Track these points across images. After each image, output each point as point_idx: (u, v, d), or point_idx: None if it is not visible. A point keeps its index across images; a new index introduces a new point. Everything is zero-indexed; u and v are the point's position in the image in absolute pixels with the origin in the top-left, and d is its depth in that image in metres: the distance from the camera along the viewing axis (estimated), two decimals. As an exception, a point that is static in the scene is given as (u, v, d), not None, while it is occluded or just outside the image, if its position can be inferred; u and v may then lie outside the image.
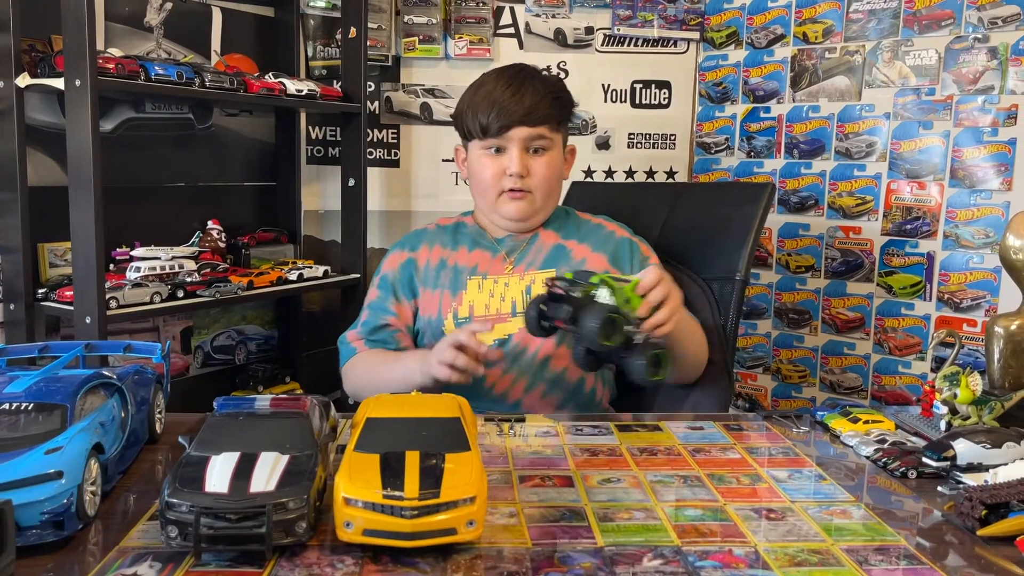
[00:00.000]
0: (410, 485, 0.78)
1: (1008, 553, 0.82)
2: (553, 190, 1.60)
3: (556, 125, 1.56)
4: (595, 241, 1.60)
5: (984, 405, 1.13)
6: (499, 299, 1.55)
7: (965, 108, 2.12)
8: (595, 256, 1.58)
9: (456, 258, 1.59)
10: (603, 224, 1.65)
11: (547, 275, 1.52)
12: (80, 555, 0.79)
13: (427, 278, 1.58)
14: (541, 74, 1.60)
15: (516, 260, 1.58)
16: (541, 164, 1.54)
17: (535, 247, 1.59)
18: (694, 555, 0.80)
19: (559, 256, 1.58)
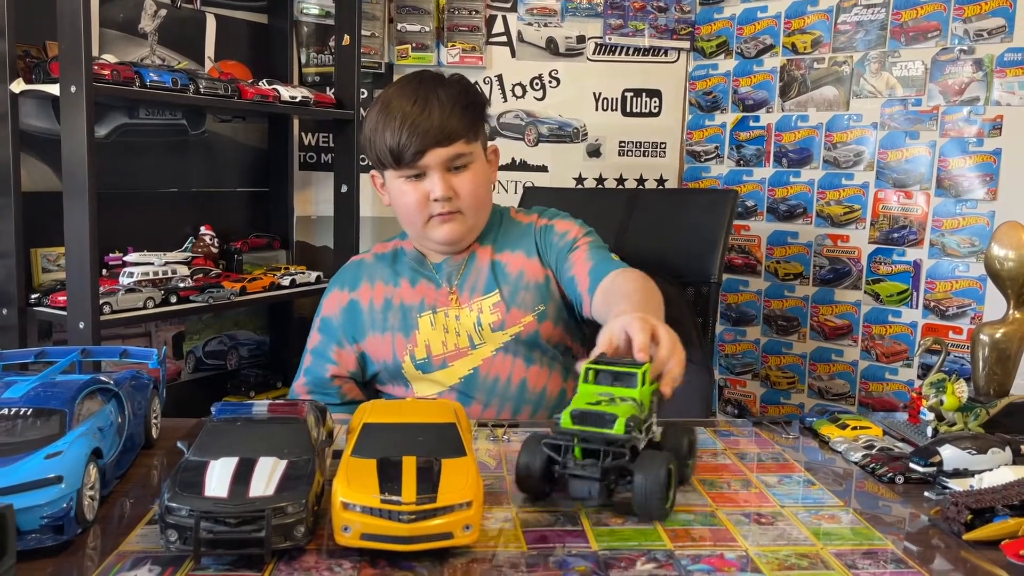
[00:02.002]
0: (407, 489, 0.79)
1: (993, 557, 0.84)
2: (482, 203, 1.50)
3: (472, 135, 1.45)
4: (523, 245, 1.53)
5: (970, 412, 1.15)
6: (454, 334, 1.47)
7: (951, 119, 2.15)
8: (530, 263, 1.52)
9: (401, 295, 1.51)
10: (525, 221, 1.57)
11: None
12: (79, 559, 0.80)
13: (374, 321, 1.50)
14: (445, 81, 1.48)
15: (459, 288, 1.50)
16: (465, 181, 1.45)
17: (474, 269, 1.51)
18: (686, 559, 0.82)
19: (498, 275, 1.50)
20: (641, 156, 2.65)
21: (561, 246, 1.50)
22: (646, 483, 0.89)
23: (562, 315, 1.51)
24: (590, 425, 0.90)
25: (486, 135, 1.54)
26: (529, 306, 1.48)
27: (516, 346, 1.47)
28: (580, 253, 1.47)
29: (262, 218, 2.47)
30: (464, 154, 1.45)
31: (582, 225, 1.55)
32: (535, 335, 1.48)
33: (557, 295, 1.51)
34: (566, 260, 1.48)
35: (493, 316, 1.47)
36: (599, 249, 1.48)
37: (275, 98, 2.07)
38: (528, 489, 0.94)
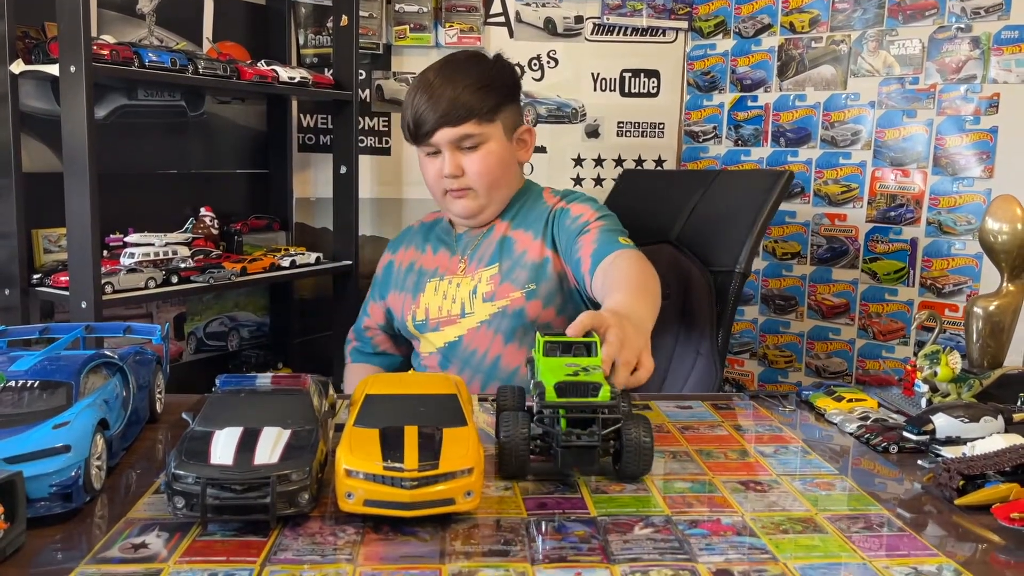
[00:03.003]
0: (410, 457, 0.81)
1: (984, 521, 0.85)
2: (497, 182, 1.56)
3: (486, 116, 1.51)
4: (537, 227, 1.57)
5: (963, 383, 1.17)
6: (450, 300, 1.56)
7: (948, 97, 2.16)
8: (535, 244, 1.56)
9: (423, 261, 1.65)
10: (549, 203, 1.60)
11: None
12: (88, 526, 0.81)
13: (396, 281, 1.67)
14: (471, 63, 1.55)
15: (470, 258, 1.59)
16: (475, 160, 1.52)
17: (487, 242, 1.59)
18: (684, 524, 0.83)
19: (504, 249, 1.57)
20: (639, 136, 2.65)
21: (573, 229, 1.51)
22: (639, 438, 0.92)
23: (555, 298, 1.52)
24: (576, 396, 0.92)
25: (515, 116, 1.58)
26: (521, 283, 1.52)
27: (500, 320, 1.52)
28: (589, 236, 1.49)
29: (262, 199, 2.47)
30: (473, 135, 1.51)
31: (598, 208, 1.55)
32: (521, 312, 1.51)
33: (554, 277, 1.53)
34: (576, 243, 1.50)
35: (487, 287, 1.54)
36: (608, 232, 1.49)
37: (274, 79, 2.07)
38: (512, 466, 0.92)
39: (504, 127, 1.56)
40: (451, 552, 0.76)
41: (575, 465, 0.93)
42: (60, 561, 0.74)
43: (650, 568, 0.74)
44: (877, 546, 0.80)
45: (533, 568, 0.73)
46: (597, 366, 0.97)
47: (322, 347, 2.52)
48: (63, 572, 0.72)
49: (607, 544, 0.78)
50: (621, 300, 1.21)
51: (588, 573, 0.73)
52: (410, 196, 2.59)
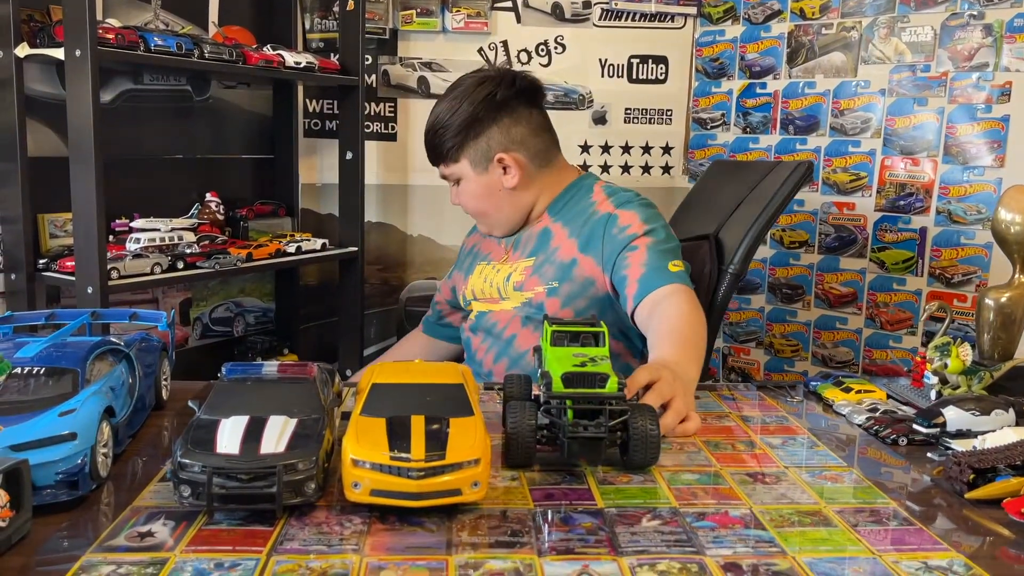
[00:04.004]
0: (416, 447, 0.80)
1: (995, 515, 0.85)
2: (483, 212, 1.63)
3: (450, 157, 1.59)
4: (575, 224, 1.55)
5: (973, 375, 1.16)
6: (489, 284, 1.61)
7: (959, 85, 2.14)
8: (568, 243, 1.54)
9: (482, 245, 1.71)
10: (596, 202, 1.57)
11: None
12: (94, 514, 0.81)
13: (462, 261, 1.76)
14: (442, 102, 1.61)
15: (514, 246, 1.63)
16: (460, 195, 1.63)
17: (531, 232, 1.62)
18: (691, 516, 0.83)
19: (543, 240, 1.57)
20: (647, 123, 2.64)
21: (620, 239, 1.48)
22: (646, 429, 0.91)
23: (575, 300, 1.51)
24: (583, 387, 0.91)
25: (484, 147, 1.57)
26: (547, 278, 1.53)
27: (525, 309, 1.55)
28: (638, 255, 1.44)
29: (267, 185, 2.46)
30: (448, 175, 1.62)
31: (647, 219, 1.50)
32: (541, 307, 1.52)
33: (578, 280, 1.51)
34: (622, 258, 1.46)
35: (520, 277, 1.56)
36: (659, 254, 1.44)
37: (280, 63, 2.06)
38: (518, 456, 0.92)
39: (472, 162, 1.58)
40: (458, 543, 0.76)
41: (582, 456, 0.93)
42: (66, 549, 0.74)
43: (658, 560, 0.74)
44: (886, 539, 0.79)
45: (540, 560, 0.73)
46: (605, 356, 0.96)
47: (328, 333, 2.52)
48: (69, 560, 0.71)
49: (614, 536, 0.78)
50: (672, 355, 1.20)
51: (595, 565, 0.73)
52: (416, 182, 2.58)
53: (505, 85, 1.58)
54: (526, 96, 1.61)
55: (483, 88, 1.58)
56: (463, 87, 1.61)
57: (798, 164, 1.72)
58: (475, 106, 1.56)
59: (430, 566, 0.72)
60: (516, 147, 1.58)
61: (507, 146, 1.57)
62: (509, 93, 1.58)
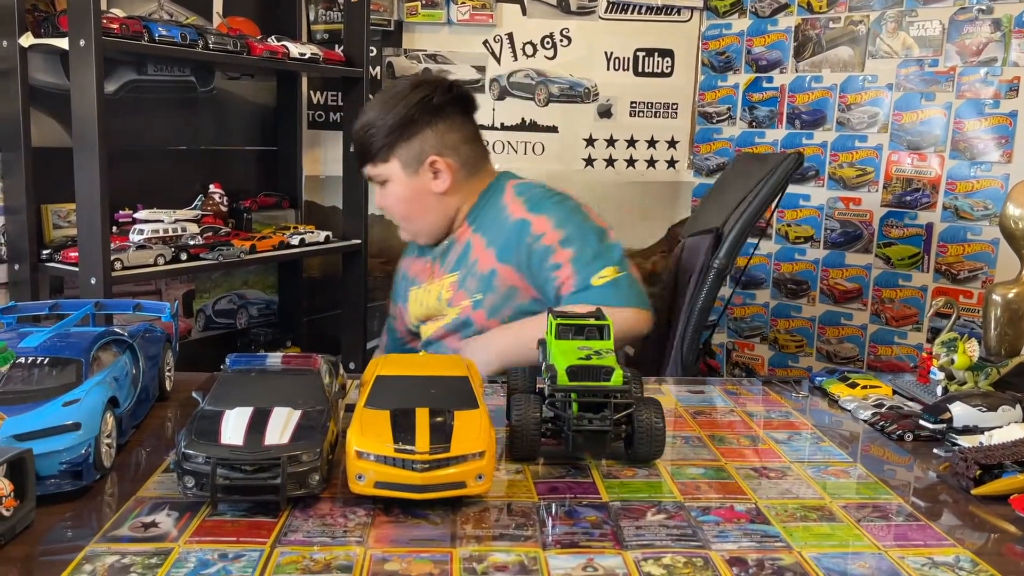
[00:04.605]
0: (421, 439, 0.80)
1: (1001, 511, 0.84)
2: (407, 216, 1.61)
3: (379, 157, 1.56)
4: (492, 233, 1.53)
5: (980, 371, 1.15)
6: (424, 307, 1.62)
7: (967, 80, 2.12)
8: (486, 253, 1.52)
9: (410, 269, 1.70)
10: (507, 204, 1.54)
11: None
12: (98, 504, 0.81)
13: (398, 289, 1.74)
14: (377, 101, 1.59)
15: (441, 262, 1.60)
16: (384, 197, 1.61)
17: (454, 247, 1.59)
18: (696, 510, 0.83)
19: (464, 253, 1.56)
20: (652, 117, 2.63)
21: (538, 251, 1.46)
22: (651, 422, 0.91)
23: (501, 310, 1.50)
24: (588, 380, 0.91)
25: (417, 150, 1.55)
26: (471, 291, 1.53)
27: (457, 325, 1.55)
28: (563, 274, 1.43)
29: (271, 177, 2.46)
30: (374, 175, 1.60)
31: (560, 223, 1.47)
32: (468, 320, 1.53)
33: (501, 290, 1.50)
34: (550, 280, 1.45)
35: (448, 293, 1.56)
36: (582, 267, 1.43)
37: (284, 55, 2.05)
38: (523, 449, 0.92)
39: (403, 163, 1.56)
40: (462, 535, 0.76)
41: (586, 449, 0.93)
42: (70, 539, 0.74)
43: (663, 555, 0.73)
44: (892, 535, 0.79)
45: (544, 553, 0.73)
46: (609, 349, 0.96)
47: (331, 326, 2.52)
48: (73, 550, 0.71)
49: (619, 530, 0.78)
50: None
51: (600, 559, 0.72)
52: (420, 175, 2.57)
53: (442, 91, 1.57)
54: (461, 104, 1.60)
55: (420, 91, 1.56)
56: (399, 88, 1.60)
57: (787, 155, 1.70)
58: (411, 108, 1.54)
59: (434, 559, 0.71)
60: (448, 152, 1.56)
61: (440, 150, 1.55)
62: (445, 99, 1.57)
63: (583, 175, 2.62)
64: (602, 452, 0.94)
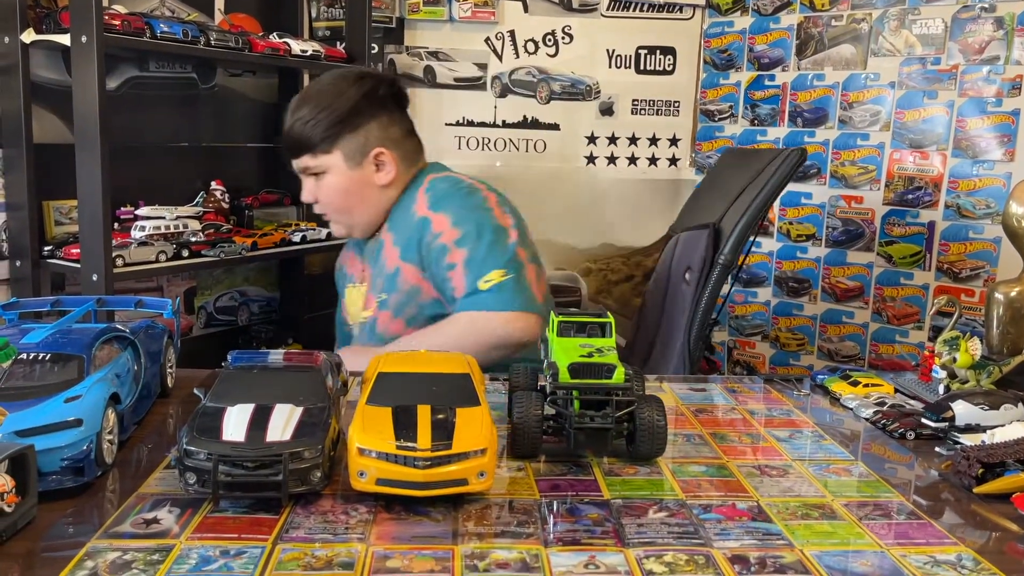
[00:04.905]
0: (423, 436, 0.80)
1: (1003, 510, 0.84)
2: (344, 209, 1.56)
3: (321, 148, 1.51)
4: (399, 231, 1.53)
5: (982, 370, 1.15)
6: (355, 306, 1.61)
7: (970, 78, 2.12)
8: (393, 251, 1.52)
9: (346, 266, 1.70)
10: (415, 201, 1.52)
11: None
12: (99, 500, 0.81)
13: (339, 285, 1.74)
14: (315, 90, 1.56)
15: (371, 263, 1.59)
16: (319, 189, 1.56)
17: (378, 248, 1.57)
18: (698, 508, 0.83)
19: (379, 257, 1.55)
20: (654, 115, 2.62)
21: (435, 249, 1.46)
22: (652, 419, 0.91)
23: (405, 309, 1.50)
24: (590, 377, 0.91)
25: (361, 141, 1.53)
26: (378, 291, 1.54)
27: (371, 327, 1.55)
28: (456, 276, 1.43)
29: (272, 174, 2.45)
30: (311, 166, 1.55)
31: (458, 221, 1.46)
32: (375, 321, 1.53)
33: (404, 289, 1.49)
34: (446, 280, 1.45)
35: (367, 295, 1.57)
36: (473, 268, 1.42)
37: (286, 52, 2.05)
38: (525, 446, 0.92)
39: (346, 155, 1.53)
40: (464, 533, 0.76)
41: (588, 447, 0.92)
42: (72, 535, 0.74)
43: (664, 552, 0.73)
44: (894, 534, 0.79)
45: (546, 550, 0.73)
46: (611, 347, 0.96)
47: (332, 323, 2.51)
48: (75, 546, 0.71)
49: (621, 527, 0.78)
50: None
51: (602, 556, 0.72)
52: (422, 172, 2.56)
53: (387, 84, 1.57)
54: (401, 100, 1.60)
55: (365, 82, 1.55)
56: (342, 78, 1.57)
57: (791, 151, 1.70)
58: (357, 99, 1.52)
59: (436, 556, 0.71)
60: (391, 145, 1.55)
61: (384, 143, 1.54)
62: (389, 92, 1.56)
63: (585, 173, 2.62)
64: (604, 450, 0.94)
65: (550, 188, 2.61)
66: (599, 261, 2.69)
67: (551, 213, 2.63)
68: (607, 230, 2.67)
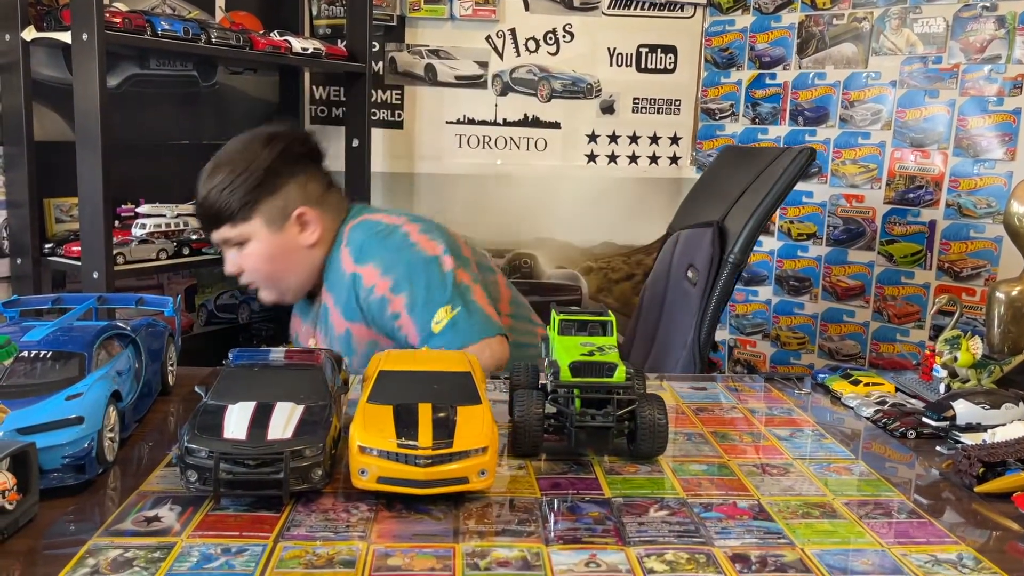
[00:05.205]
0: (424, 435, 0.80)
1: (1004, 509, 0.84)
2: (273, 275, 1.53)
3: (239, 217, 1.48)
4: (336, 292, 1.50)
5: (983, 369, 1.15)
6: None
7: (971, 77, 2.12)
8: (336, 312, 1.49)
9: (297, 328, 1.68)
10: (342, 258, 1.50)
11: None
12: (101, 498, 0.81)
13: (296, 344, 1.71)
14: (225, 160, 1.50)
15: (313, 324, 1.58)
16: (244, 258, 1.53)
17: (321, 310, 1.55)
18: (699, 507, 0.83)
19: (321, 316, 1.54)
20: (655, 113, 2.62)
21: (375, 304, 1.43)
22: (653, 418, 0.91)
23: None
24: (591, 376, 0.91)
25: (280, 204, 1.49)
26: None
27: None
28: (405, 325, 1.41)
29: (273, 172, 2.46)
30: (231, 237, 1.50)
31: (387, 269, 1.43)
32: None
33: (360, 349, 1.47)
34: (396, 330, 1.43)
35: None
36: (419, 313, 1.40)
37: (287, 50, 2.05)
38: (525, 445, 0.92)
39: (267, 220, 1.49)
40: (464, 531, 0.76)
41: (589, 445, 0.93)
42: (73, 533, 0.74)
43: (665, 551, 0.73)
44: (895, 533, 0.79)
45: (547, 549, 0.73)
46: (612, 346, 0.96)
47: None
48: (76, 544, 0.71)
49: (622, 526, 0.78)
50: None
51: (603, 555, 0.72)
52: (422, 171, 2.57)
53: (300, 141, 1.53)
54: (316, 155, 1.57)
55: (278, 143, 1.51)
56: (253, 141, 1.52)
57: (801, 150, 1.69)
58: (272, 161, 1.48)
59: (437, 554, 0.71)
60: (313, 202, 1.51)
61: (305, 201, 1.50)
62: (303, 149, 1.53)
63: (585, 171, 2.62)
64: (604, 448, 0.94)
65: (551, 186, 2.61)
66: (600, 260, 2.69)
67: (552, 211, 2.63)
68: (608, 229, 2.67)
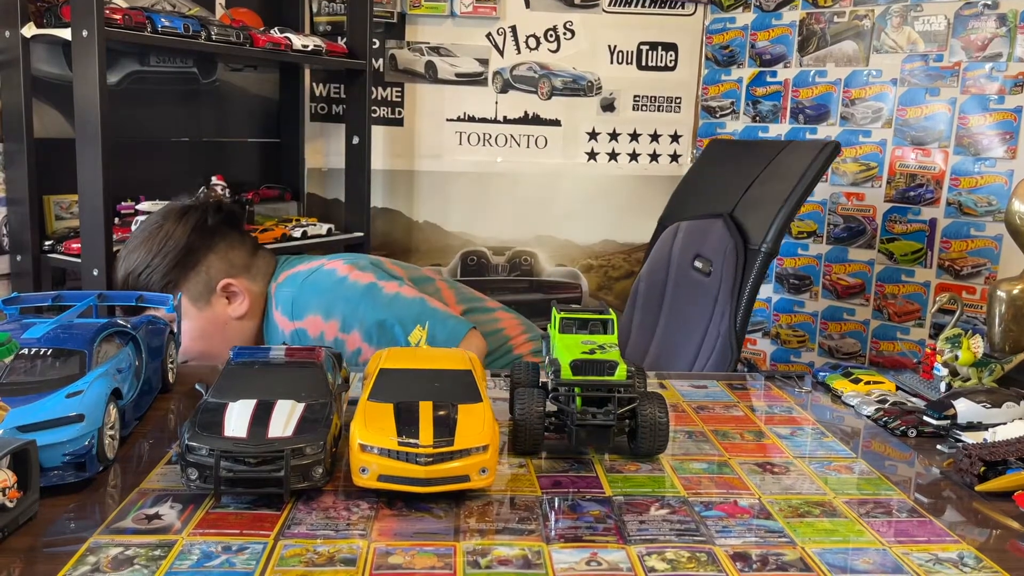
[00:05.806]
0: (425, 433, 0.80)
1: (1005, 508, 0.84)
2: (210, 348, 1.45)
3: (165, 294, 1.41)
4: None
5: (984, 367, 1.15)
6: None
7: (972, 75, 2.12)
8: None
9: None
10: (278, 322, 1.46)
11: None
12: (101, 496, 0.81)
13: None
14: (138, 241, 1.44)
15: None
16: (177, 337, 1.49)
17: None
18: (700, 505, 0.83)
19: None
20: (656, 111, 2.62)
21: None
22: (654, 416, 0.91)
23: None
24: (592, 374, 0.91)
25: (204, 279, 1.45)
26: None
27: None
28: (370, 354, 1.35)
29: (273, 169, 2.46)
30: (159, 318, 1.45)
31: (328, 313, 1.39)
32: None
33: None
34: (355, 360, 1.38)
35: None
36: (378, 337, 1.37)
37: (287, 47, 2.05)
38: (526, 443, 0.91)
39: (192, 297, 1.44)
40: (465, 529, 0.76)
41: (590, 444, 0.92)
42: (73, 531, 0.74)
43: (666, 549, 0.73)
44: (896, 531, 0.79)
45: (548, 547, 0.73)
46: (613, 344, 0.96)
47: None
48: (77, 541, 0.71)
49: (622, 524, 0.78)
50: None
51: (604, 553, 0.72)
52: (422, 168, 2.57)
53: (213, 211, 1.48)
54: (234, 220, 1.52)
55: (191, 216, 1.46)
56: (165, 218, 1.45)
57: (826, 143, 1.70)
58: (188, 236, 1.42)
59: (438, 552, 0.71)
60: (238, 271, 1.47)
61: (229, 272, 1.45)
62: (219, 218, 1.47)
63: (585, 169, 2.62)
64: (605, 447, 0.94)
65: (551, 184, 2.61)
66: (600, 257, 2.69)
67: (552, 209, 2.63)
68: (608, 226, 2.67)
